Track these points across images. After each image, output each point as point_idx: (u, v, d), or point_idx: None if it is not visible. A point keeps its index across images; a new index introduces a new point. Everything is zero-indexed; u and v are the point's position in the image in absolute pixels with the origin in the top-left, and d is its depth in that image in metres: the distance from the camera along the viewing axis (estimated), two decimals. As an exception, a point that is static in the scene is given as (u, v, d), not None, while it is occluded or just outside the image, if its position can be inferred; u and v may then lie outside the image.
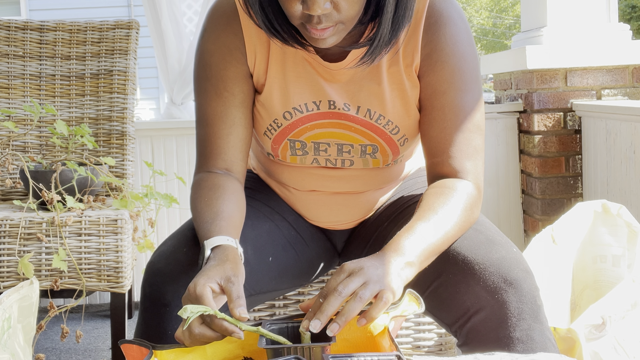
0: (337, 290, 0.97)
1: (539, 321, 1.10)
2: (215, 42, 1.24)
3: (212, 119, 1.25)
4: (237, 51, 1.24)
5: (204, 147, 1.26)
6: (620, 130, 2.38)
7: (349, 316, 0.96)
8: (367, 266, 1.01)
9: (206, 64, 1.25)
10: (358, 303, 0.97)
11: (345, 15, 1.07)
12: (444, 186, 1.19)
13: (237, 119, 1.25)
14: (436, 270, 1.16)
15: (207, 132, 1.26)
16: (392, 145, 1.27)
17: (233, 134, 1.25)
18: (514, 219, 2.93)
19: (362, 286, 0.98)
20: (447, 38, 1.19)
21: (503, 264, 1.12)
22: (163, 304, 1.14)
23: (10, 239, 2.03)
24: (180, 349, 0.99)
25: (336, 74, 1.22)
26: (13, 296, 1.38)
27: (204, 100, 1.26)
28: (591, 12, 2.75)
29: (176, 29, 2.91)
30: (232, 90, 1.24)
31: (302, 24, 1.09)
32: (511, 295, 1.09)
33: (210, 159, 1.26)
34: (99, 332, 2.69)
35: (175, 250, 1.19)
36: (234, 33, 1.23)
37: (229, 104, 1.24)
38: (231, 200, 1.20)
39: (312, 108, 1.24)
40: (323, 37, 1.09)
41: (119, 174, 2.50)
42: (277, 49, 1.23)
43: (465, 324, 1.13)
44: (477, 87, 1.22)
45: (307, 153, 1.29)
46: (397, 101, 1.23)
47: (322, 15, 1.06)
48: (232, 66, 1.24)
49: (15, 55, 2.57)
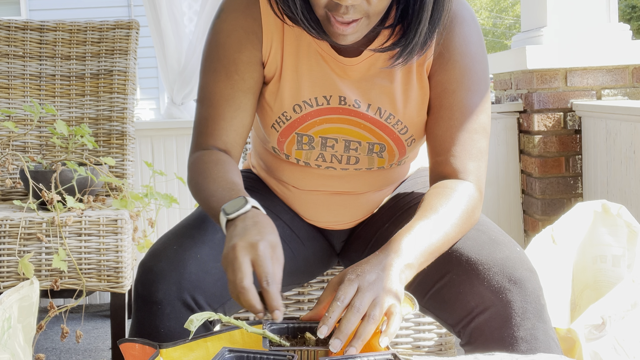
0: (355, 306, 0.96)
1: (543, 320, 1.10)
2: (233, 23, 1.22)
3: (218, 99, 1.23)
4: (254, 36, 1.22)
5: (206, 126, 1.24)
6: (620, 130, 2.38)
7: (365, 338, 0.95)
8: (372, 280, 1.00)
9: (220, 43, 1.23)
10: (372, 325, 0.96)
11: (374, 8, 1.07)
12: (445, 187, 1.18)
13: (243, 104, 1.24)
14: (439, 271, 1.16)
15: (211, 112, 1.24)
16: (399, 145, 1.27)
17: (237, 117, 1.24)
18: (514, 219, 2.93)
19: (373, 305, 0.97)
20: (460, 38, 1.20)
21: (507, 264, 1.12)
22: (154, 302, 1.13)
23: (10, 239, 2.03)
24: (185, 346, 0.99)
25: (349, 70, 1.22)
26: (13, 296, 1.38)
27: (212, 80, 1.24)
28: (591, 12, 2.75)
29: (176, 29, 2.91)
30: (242, 74, 1.23)
31: (326, 15, 1.09)
32: (515, 295, 1.09)
33: (211, 138, 1.24)
34: (99, 332, 2.69)
35: (166, 248, 1.18)
36: (253, 17, 1.22)
37: (237, 87, 1.23)
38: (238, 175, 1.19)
39: (322, 102, 1.23)
40: (345, 32, 1.08)
41: (119, 174, 2.50)
42: (291, 40, 1.22)
43: (469, 324, 1.12)
44: (485, 88, 1.22)
45: (314, 148, 1.28)
46: (407, 100, 1.23)
47: (350, 6, 1.05)
48: (247, 50, 1.22)
49: (15, 55, 2.57)
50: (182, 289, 1.14)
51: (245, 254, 0.98)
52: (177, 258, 1.16)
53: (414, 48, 1.14)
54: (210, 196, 1.14)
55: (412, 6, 1.12)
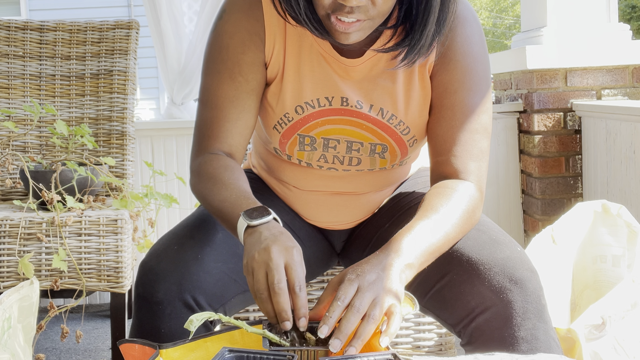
0: (355, 306, 0.96)
1: (544, 320, 1.10)
2: (236, 24, 1.22)
3: (222, 102, 1.23)
4: (257, 37, 1.22)
5: (210, 128, 1.24)
6: (620, 130, 2.38)
7: (365, 338, 0.95)
8: (372, 280, 1.00)
9: (223, 45, 1.23)
10: (372, 325, 0.96)
11: (379, 10, 1.07)
12: (446, 187, 1.18)
13: (247, 106, 1.23)
14: (440, 271, 1.16)
15: (214, 114, 1.23)
16: (401, 145, 1.27)
17: (242, 119, 1.23)
18: (514, 219, 2.93)
19: (372, 305, 0.97)
20: (462, 38, 1.20)
21: (508, 264, 1.12)
22: (155, 302, 1.13)
23: (10, 239, 2.03)
24: (185, 346, 0.99)
25: (351, 71, 1.22)
26: (13, 296, 1.38)
27: (215, 82, 1.24)
28: (591, 12, 2.75)
29: (176, 29, 2.91)
30: (246, 75, 1.22)
31: (328, 14, 1.08)
32: (516, 295, 1.09)
33: (216, 141, 1.23)
34: (99, 332, 2.69)
35: (167, 248, 1.18)
36: (256, 18, 1.22)
37: (241, 89, 1.23)
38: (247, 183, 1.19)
39: (324, 104, 1.23)
40: (348, 31, 1.08)
41: (119, 174, 2.50)
42: (293, 41, 1.22)
43: (470, 324, 1.12)
44: (486, 88, 1.22)
45: (316, 149, 1.28)
46: (409, 101, 1.23)
47: (355, 7, 1.05)
48: (251, 51, 1.22)
49: (15, 55, 2.57)
50: (182, 289, 1.13)
51: (281, 257, 0.98)
52: (178, 258, 1.16)
53: (420, 50, 1.14)
54: (223, 201, 1.13)
55: (417, 7, 1.11)
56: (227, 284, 1.18)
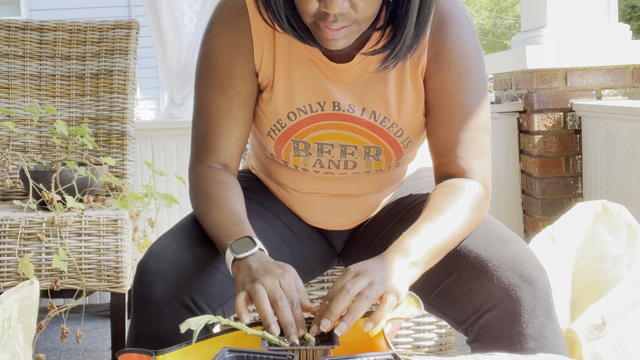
0: (345, 288, 0.98)
1: (551, 318, 1.10)
2: (223, 37, 1.23)
3: (216, 115, 1.24)
4: (245, 48, 1.23)
5: (205, 142, 1.26)
6: (620, 130, 2.38)
7: (356, 315, 0.96)
8: (371, 268, 1.02)
9: (212, 59, 1.24)
10: (365, 302, 0.97)
11: (362, 15, 1.07)
12: (451, 186, 1.18)
13: (240, 117, 1.25)
14: (447, 269, 1.16)
15: (209, 127, 1.25)
16: (395, 147, 1.27)
17: (235, 131, 1.25)
18: (514, 219, 2.93)
19: (368, 286, 0.99)
20: (454, 38, 1.19)
21: (517, 261, 1.12)
22: (153, 303, 1.13)
23: (10, 239, 2.03)
24: (183, 350, 0.98)
25: (342, 75, 1.22)
26: (13, 296, 1.38)
27: (208, 95, 1.25)
28: (591, 12, 2.75)
29: (176, 29, 2.91)
30: (237, 88, 1.24)
31: (314, 22, 1.09)
32: (525, 292, 1.09)
33: (211, 154, 1.25)
34: (99, 332, 2.69)
35: (165, 248, 1.18)
36: (243, 30, 1.22)
37: (233, 101, 1.24)
38: (241, 200, 1.21)
39: (316, 109, 1.23)
40: (335, 37, 1.08)
41: (119, 174, 2.50)
42: (282, 48, 1.22)
43: (477, 321, 1.12)
44: (483, 86, 1.22)
45: (311, 154, 1.29)
46: (402, 103, 1.22)
47: (338, 14, 1.05)
48: (239, 63, 1.23)
49: (15, 55, 2.57)
50: (181, 289, 1.13)
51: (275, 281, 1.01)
52: (176, 258, 1.16)
53: (399, 52, 1.14)
54: (214, 225, 1.16)
55: (400, 8, 1.11)
56: (226, 284, 1.18)
